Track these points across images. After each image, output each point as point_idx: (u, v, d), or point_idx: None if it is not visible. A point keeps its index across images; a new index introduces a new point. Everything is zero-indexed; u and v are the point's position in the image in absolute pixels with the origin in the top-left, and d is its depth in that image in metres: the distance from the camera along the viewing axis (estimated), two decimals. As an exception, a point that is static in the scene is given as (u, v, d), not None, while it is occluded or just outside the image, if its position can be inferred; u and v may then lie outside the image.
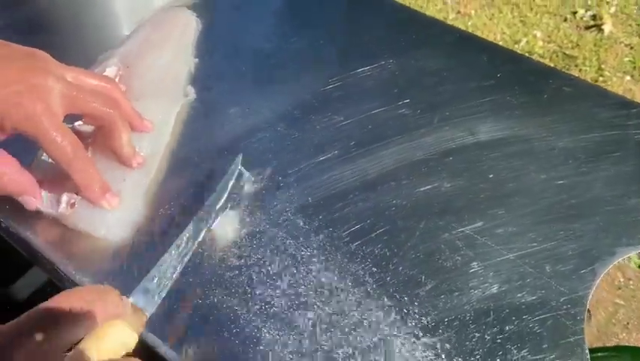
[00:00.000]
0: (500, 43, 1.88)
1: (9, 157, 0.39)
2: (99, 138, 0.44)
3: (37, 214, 0.42)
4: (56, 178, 0.42)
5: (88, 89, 0.40)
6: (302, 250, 0.42)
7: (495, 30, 1.93)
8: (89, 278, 0.40)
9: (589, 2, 2.02)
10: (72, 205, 0.42)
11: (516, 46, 1.87)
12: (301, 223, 0.44)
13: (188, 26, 0.60)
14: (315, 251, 0.43)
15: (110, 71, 0.50)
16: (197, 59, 0.57)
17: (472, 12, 1.97)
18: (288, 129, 0.50)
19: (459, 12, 1.97)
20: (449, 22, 1.91)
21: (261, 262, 0.42)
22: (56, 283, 0.43)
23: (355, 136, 0.50)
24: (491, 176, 0.48)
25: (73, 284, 0.40)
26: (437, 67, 0.57)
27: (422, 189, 0.47)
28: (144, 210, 0.44)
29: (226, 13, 0.63)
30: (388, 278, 0.41)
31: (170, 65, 0.53)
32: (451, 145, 0.50)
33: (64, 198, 0.42)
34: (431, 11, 1.95)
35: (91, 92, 0.40)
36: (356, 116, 0.52)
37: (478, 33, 1.88)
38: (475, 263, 0.42)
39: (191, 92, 0.53)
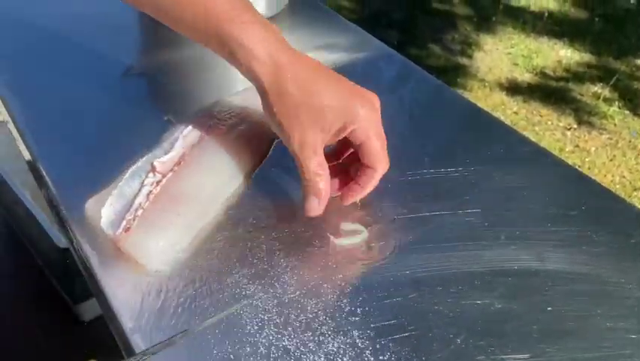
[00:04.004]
0: (617, 186, 1.78)
1: (327, 168, 0.46)
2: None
3: (101, 235, 0.46)
4: None
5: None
6: (327, 329, 0.41)
7: (614, 172, 1.84)
8: (118, 301, 0.42)
9: None
10: (127, 230, 0.44)
11: (635, 193, 1.76)
12: (335, 301, 0.43)
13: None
14: (339, 335, 0.41)
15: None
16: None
17: (592, 149, 1.90)
18: (348, 209, 0.50)
19: (577, 146, 1.91)
20: (565, 154, 1.86)
21: (280, 333, 0.41)
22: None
23: (414, 231, 0.49)
24: (550, 309, 0.44)
25: (105, 300, 0.42)
26: (519, 185, 0.55)
27: (469, 302, 0.44)
28: (189, 249, 0.45)
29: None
30: (407, 385, 0.38)
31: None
32: (514, 266, 0.47)
33: (124, 223, 0.45)
34: (548, 140, 1.91)
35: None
36: (421, 212, 0.51)
37: (595, 171, 1.80)
38: (506, 397, 0.38)
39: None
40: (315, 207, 0.46)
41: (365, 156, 0.46)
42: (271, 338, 0.40)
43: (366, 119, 0.45)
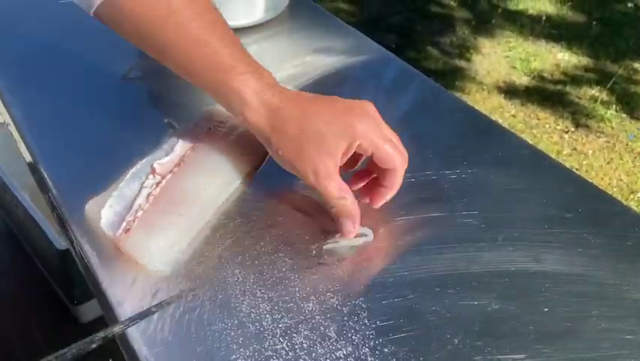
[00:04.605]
0: (615, 189, 1.79)
1: (349, 188, 0.47)
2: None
3: (102, 236, 0.46)
4: None
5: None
6: (326, 329, 0.41)
7: (611, 175, 1.84)
8: (118, 302, 0.42)
9: None
10: (127, 231, 0.44)
11: (632, 195, 1.77)
12: (334, 302, 0.43)
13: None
14: (337, 336, 0.41)
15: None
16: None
17: (589, 152, 1.90)
18: (347, 211, 0.51)
19: (575, 149, 1.91)
20: (562, 157, 1.86)
21: (278, 332, 0.41)
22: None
23: (412, 233, 0.49)
24: (546, 310, 0.45)
25: (106, 301, 0.42)
26: (517, 187, 0.55)
27: (467, 303, 0.44)
28: (188, 250, 0.46)
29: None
30: (406, 385, 0.39)
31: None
32: (510, 267, 0.48)
33: (124, 224, 0.45)
34: (545, 143, 1.92)
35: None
36: (419, 214, 0.51)
37: (592, 174, 1.81)
38: (504, 396, 0.39)
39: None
40: (351, 228, 0.47)
41: (380, 161, 0.47)
42: (269, 337, 0.41)
43: (365, 130, 0.45)
